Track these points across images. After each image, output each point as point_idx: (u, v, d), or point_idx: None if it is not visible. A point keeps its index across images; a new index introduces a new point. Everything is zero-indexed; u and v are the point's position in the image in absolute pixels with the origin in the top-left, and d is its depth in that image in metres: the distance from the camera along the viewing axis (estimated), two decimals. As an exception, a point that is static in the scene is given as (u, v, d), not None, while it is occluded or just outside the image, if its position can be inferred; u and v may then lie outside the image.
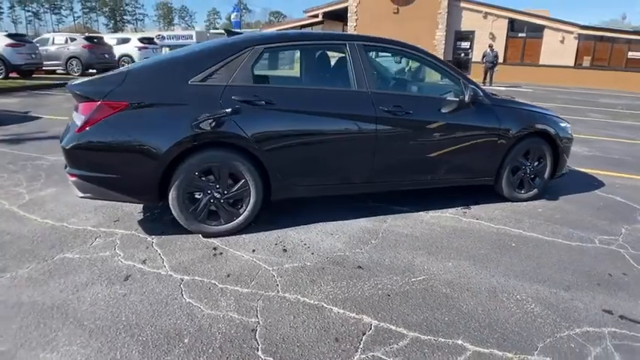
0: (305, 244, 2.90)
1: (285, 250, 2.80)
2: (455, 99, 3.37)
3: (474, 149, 3.50)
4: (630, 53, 19.19)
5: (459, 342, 1.97)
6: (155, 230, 3.03)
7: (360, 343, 1.93)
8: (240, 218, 2.97)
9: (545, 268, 2.71)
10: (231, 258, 2.68)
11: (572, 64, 19.73)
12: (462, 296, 2.35)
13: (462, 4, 19.51)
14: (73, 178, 2.71)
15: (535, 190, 3.90)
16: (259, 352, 1.85)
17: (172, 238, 2.91)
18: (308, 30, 20.81)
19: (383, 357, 1.85)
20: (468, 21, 19.84)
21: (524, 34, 19.73)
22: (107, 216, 3.27)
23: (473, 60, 20.00)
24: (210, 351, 1.85)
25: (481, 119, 3.46)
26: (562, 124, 3.93)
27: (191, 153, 2.72)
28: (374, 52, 4.06)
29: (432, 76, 4.28)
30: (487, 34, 19.67)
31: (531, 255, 2.89)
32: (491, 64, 16.20)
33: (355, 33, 3.68)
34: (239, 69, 2.85)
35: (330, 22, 24.13)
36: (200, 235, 2.94)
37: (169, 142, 2.65)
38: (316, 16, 24.21)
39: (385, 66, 4.93)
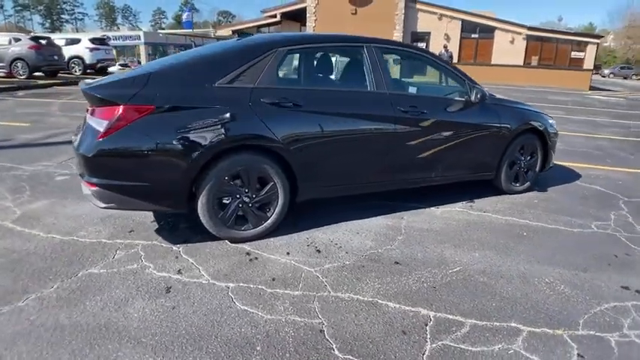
0: (336, 244, 2.95)
1: (319, 251, 2.84)
2: (462, 99, 3.58)
3: (479, 146, 3.74)
4: (573, 53, 21.03)
5: (513, 324, 2.13)
6: (177, 239, 2.94)
7: (426, 334, 2.03)
8: (269, 222, 2.97)
9: (559, 254, 2.96)
10: (267, 262, 2.67)
11: (521, 63, 21.25)
12: (499, 283, 2.53)
13: (418, 6, 20.34)
14: (94, 188, 2.57)
15: (528, 183, 4.22)
16: (336, 352, 1.89)
17: (199, 246, 2.85)
18: (275, 31, 20.71)
19: (452, 344, 1.96)
20: (424, 22, 20.71)
21: (476, 35, 20.93)
22: (119, 227, 3.12)
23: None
24: (288, 355, 1.86)
25: (485, 117, 3.70)
26: (550, 121, 4.28)
27: (221, 157, 2.69)
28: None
29: (436, 77, 4.49)
30: (442, 34, 20.63)
31: (543, 242, 3.14)
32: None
33: (370, 36, 3.75)
34: (265, 71, 2.85)
35: (288, 22, 24.18)
36: (227, 242, 2.91)
37: (201, 146, 2.60)
38: (274, 16, 24.14)
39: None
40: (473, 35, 20.84)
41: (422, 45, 21.45)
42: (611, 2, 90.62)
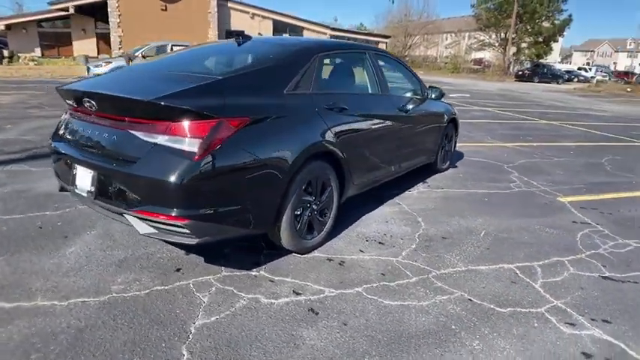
0: (384, 235, 3.27)
1: (381, 243, 3.11)
2: (420, 96, 4.35)
3: (433, 134, 4.63)
4: None
5: (554, 259, 3.02)
6: (244, 264, 2.68)
7: (528, 279, 2.69)
8: (327, 227, 3.04)
9: (520, 208, 4.10)
10: (355, 263, 2.80)
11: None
12: (512, 235, 3.41)
13: (230, 5, 20.67)
14: (185, 222, 2.13)
15: (449, 162, 5.41)
16: (497, 308, 2.34)
17: (276, 265, 2.70)
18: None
19: (541, 281, 2.69)
20: (237, 21, 21.20)
21: (287, 34, 22.81)
22: (153, 269, 2.58)
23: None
24: (475, 319, 2.20)
25: (437, 109, 4.63)
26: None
27: (303, 167, 2.63)
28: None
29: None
30: (256, 33, 21.62)
31: (499, 203, 4.24)
32: None
33: (368, 45, 3.94)
34: (314, 76, 2.89)
35: (81, 17, 20.63)
36: (295, 255, 2.84)
37: (291, 157, 2.50)
38: (66, 9, 20.15)
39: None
40: (284, 35, 22.64)
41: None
42: (379, 5, 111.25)
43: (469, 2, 47.61)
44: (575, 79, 37.79)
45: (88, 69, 11.64)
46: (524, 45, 43.70)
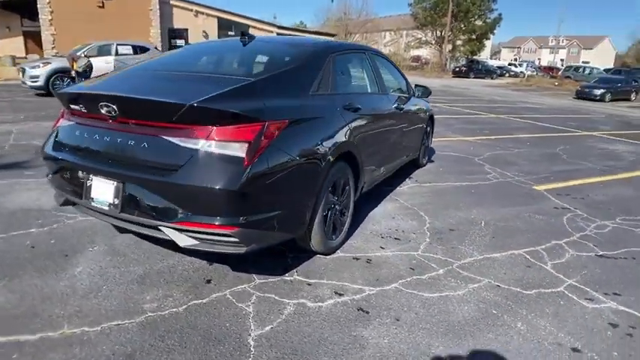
0: (396, 230, 3.39)
1: (397, 239, 3.22)
2: (407, 94, 4.53)
3: (418, 130, 4.83)
4: None
5: (554, 242, 3.31)
6: (274, 270, 2.66)
7: (539, 262, 2.93)
8: (346, 226, 3.09)
9: (505, 198, 4.41)
10: (382, 260, 2.88)
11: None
12: (509, 223, 3.68)
13: (173, 2, 19.86)
14: (234, 230, 2.08)
15: (427, 157, 5.67)
16: (522, 291, 2.54)
17: (306, 268, 2.72)
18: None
19: (550, 263, 2.95)
20: (180, 19, 20.44)
21: (233, 33, 22.35)
22: (180, 283, 2.48)
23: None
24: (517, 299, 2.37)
25: (421, 106, 4.84)
26: (430, 107, 5.85)
27: (331, 168, 2.66)
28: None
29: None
30: (200, 32, 20.98)
31: (487, 193, 4.54)
32: None
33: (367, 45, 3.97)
34: (330, 77, 2.92)
35: (3, 12, 18.69)
36: (320, 256, 2.86)
37: (325, 159, 2.52)
38: None
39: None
40: (230, 33, 22.16)
41: (181, 42, 21.15)
42: (318, 3, 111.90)
43: (406, 1, 49.52)
44: (507, 75, 40.73)
45: (24, 70, 10.62)
46: (459, 42, 46.30)
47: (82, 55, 10.41)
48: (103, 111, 2.23)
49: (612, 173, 5.73)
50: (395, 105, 3.94)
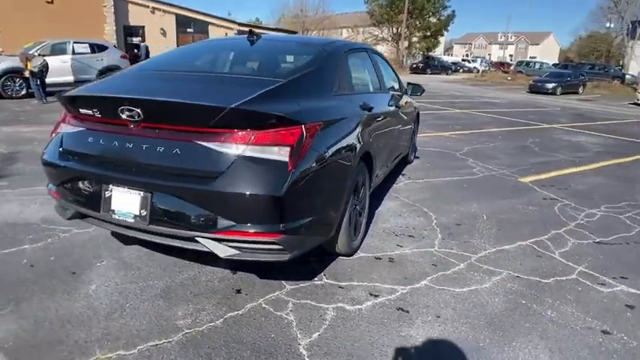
0: (407, 227, 3.45)
1: (412, 236, 3.29)
2: (400, 92, 4.61)
3: (409, 127, 4.93)
4: None
5: (554, 232, 3.50)
6: (302, 275, 2.62)
7: (546, 251, 3.09)
8: (362, 226, 3.11)
9: (496, 191, 4.60)
10: (403, 258, 2.93)
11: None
12: (504, 215, 3.86)
13: (126, -3, 18.99)
14: (279, 237, 2.04)
15: (414, 154, 5.80)
16: (541, 281, 2.67)
17: (333, 270, 2.71)
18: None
19: (549, 247, 3.12)
20: (136, 16, 19.58)
21: (192, 30, 21.74)
22: (219, 295, 2.39)
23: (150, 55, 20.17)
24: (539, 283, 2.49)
25: (411, 103, 4.95)
26: (415, 104, 5.98)
27: (356, 169, 2.66)
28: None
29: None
30: (158, 29, 20.23)
31: (479, 187, 4.71)
32: (147, 55, 17.78)
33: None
34: (346, 77, 2.93)
35: None
36: (342, 258, 2.87)
37: (353, 160, 2.53)
38: None
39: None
40: (189, 30, 21.52)
41: (137, 40, 20.30)
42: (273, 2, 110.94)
43: (362, -2, 50.23)
44: (461, 70, 42.38)
45: (-32, 72, 9.80)
46: (415, 39, 47.56)
47: (37, 54, 9.73)
48: (123, 116, 2.08)
49: (584, 164, 6.13)
50: (394, 103, 4.01)
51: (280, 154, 2.01)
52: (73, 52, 11.28)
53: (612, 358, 2.02)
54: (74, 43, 11.39)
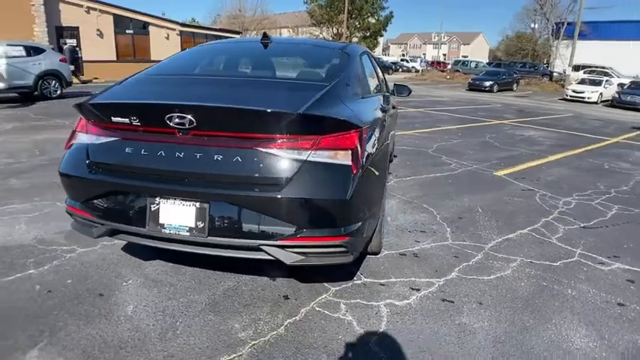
0: (415, 223, 3.65)
1: (423, 232, 3.49)
2: (388, 92, 4.82)
3: (394, 126, 5.15)
4: None
5: (544, 220, 3.88)
6: (340, 276, 2.70)
7: (543, 234, 3.43)
8: (384, 224, 3.25)
9: (479, 185, 4.96)
10: (424, 253, 3.11)
11: (180, 60, 23.14)
12: (502, 206, 4.20)
13: (57, -4, 17.58)
14: (345, 240, 2.11)
15: (393, 151, 6.07)
16: (557, 264, 2.99)
17: (367, 269, 2.82)
18: None
19: (542, 228, 3.48)
20: (70, 16, 18.17)
21: (131, 31, 20.65)
22: (269, 303, 2.40)
23: (85, 59, 18.86)
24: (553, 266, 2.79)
25: (394, 103, 5.18)
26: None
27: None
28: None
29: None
30: (94, 30, 18.96)
31: (463, 182, 5.05)
32: (74, 59, 16.95)
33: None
34: (365, 79, 3.07)
35: None
36: (369, 256, 2.99)
37: (387, 160, 2.67)
38: None
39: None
40: (128, 31, 20.41)
41: (72, 41, 18.90)
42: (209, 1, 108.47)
43: (302, -2, 50.65)
44: (400, 70, 44.14)
45: None
46: (355, 39, 48.71)
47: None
48: (171, 123, 2.02)
49: (544, 157, 6.76)
50: (391, 103, 4.20)
51: (344, 158, 2.07)
52: (7, 56, 10.34)
53: (634, 326, 2.34)
54: (7, 45, 10.44)
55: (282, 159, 2.01)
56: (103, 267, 2.80)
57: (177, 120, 2.01)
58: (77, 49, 18.57)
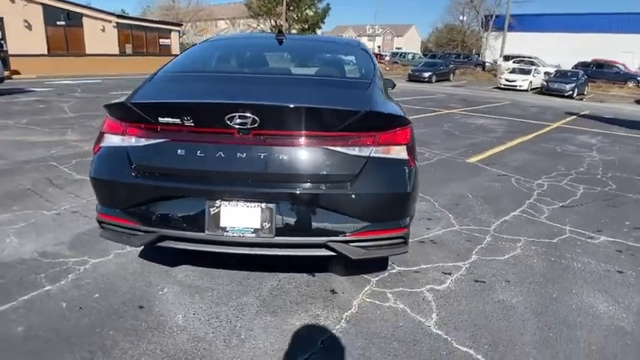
0: (420, 211, 3.84)
1: (430, 219, 3.69)
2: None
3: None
4: (161, 40, 23.96)
5: (528, 202, 4.26)
6: (375, 267, 2.80)
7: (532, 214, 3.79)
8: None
9: (459, 172, 5.29)
10: (441, 240, 3.31)
11: (117, 51, 21.65)
12: (487, 191, 4.53)
13: (-28, -18, 15.62)
14: (404, 232, 2.22)
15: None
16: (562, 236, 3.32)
17: (395, 258, 2.93)
18: None
19: (529, 211, 3.85)
20: (-11, 5, 16.32)
21: (63, 23, 18.93)
22: (319, 299, 2.44)
23: (11, 53, 17.00)
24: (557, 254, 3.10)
25: None
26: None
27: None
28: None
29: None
30: (20, 21, 17.15)
31: (443, 170, 5.36)
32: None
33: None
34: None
35: None
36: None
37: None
38: None
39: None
40: (59, 23, 18.66)
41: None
42: None
43: (238, -11, 49.46)
44: (341, 61, 44.76)
45: None
46: (294, 32, 48.57)
47: None
48: (231, 123, 1.98)
49: (503, 143, 7.32)
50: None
51: (403, 152, 2.18)
52: None
53: (637, 288, 2.70)
54: None
55: (348, 156, 2.07)
56: (127, 277, 2.67)
57: (238, 120, 1.98)
58: (1, 42, 16.72)
